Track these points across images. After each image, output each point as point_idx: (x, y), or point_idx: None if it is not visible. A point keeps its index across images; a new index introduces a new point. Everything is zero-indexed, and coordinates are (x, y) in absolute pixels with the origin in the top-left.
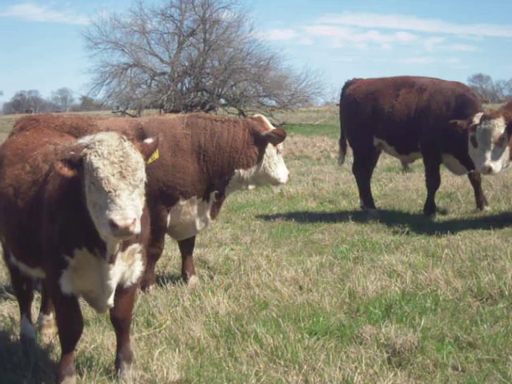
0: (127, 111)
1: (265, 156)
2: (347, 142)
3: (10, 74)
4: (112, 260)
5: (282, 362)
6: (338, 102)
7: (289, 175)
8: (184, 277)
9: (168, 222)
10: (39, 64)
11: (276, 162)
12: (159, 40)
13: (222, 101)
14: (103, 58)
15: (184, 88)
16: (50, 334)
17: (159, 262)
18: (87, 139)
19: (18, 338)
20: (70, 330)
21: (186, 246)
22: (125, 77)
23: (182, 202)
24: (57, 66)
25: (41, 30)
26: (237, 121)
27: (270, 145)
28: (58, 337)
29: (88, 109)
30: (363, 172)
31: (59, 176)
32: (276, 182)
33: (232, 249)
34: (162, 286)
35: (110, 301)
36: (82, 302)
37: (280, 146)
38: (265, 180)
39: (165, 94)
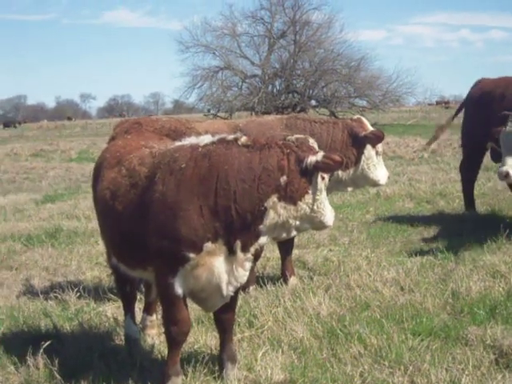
0: (218, 114)
1: (363, 157)
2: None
3: (103, 79)
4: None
5: (387, 363)
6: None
7: (388, 177)
8: (284, 278)
9: None
10: (132, 69)
11: (375, 164)
12: (249, 43)
13: (313, 102)
14: (195, 62)
15: (275, 90)
16: (153, 334)
17: (258, 263)
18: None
19: (122, 338)
20: (178, 330)
21: (285, 247)
22: (216, 80)
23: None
24: (149, 71)
25: (134, 35)
26: (336, 122)
27: (368, 146)
28: (161, 337)
29: (179, 112)
30: (469, 173)
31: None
32: (375, 184)
33: (330, 250)
34: (261, 286)
35: (231, 293)
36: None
37: (379, 147)
38: (363, 182)
39: (256, 96)
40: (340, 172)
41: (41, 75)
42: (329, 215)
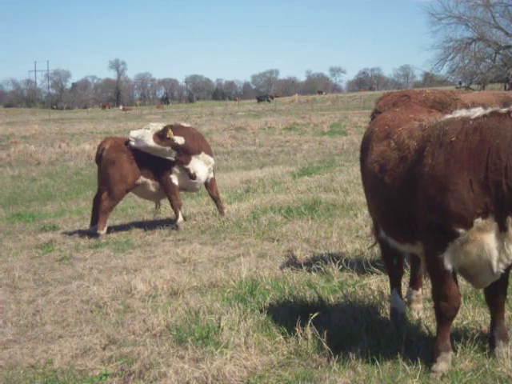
0: (471, 86)
1: None
2: None
3: (353, 52)
4: None
5: None
6: None
7: None
8: None
9: None
10: (381, 41)
11: None
12: (504, 13)
13: None
14: (446, 34)
15: None
16: (418, 308)
17: None
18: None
19: (388, 311)
20: (449, 306)
21: None
22: (468, 51)
23: None
24: (399, 43)
25: (380, 7)
26: None
27: None
28: (427, 312)
29: (430, 85)
30: None
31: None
32: None
33: None
34: None
35: (502, 270)
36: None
37: None
38: None
39: (510, 67)
40: None
41: (292, 49)
42: None
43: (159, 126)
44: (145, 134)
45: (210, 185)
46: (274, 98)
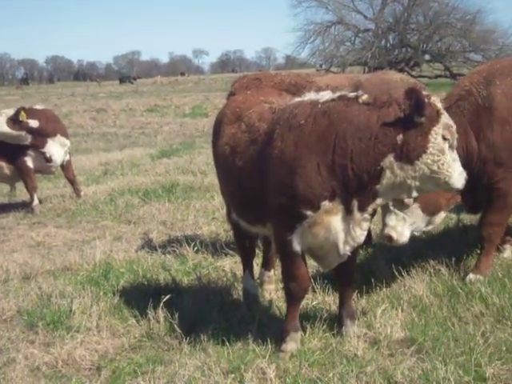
0: (331, 69)
1: None
2: None
3: (216, 34)
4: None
5: (510, 323)
6: None
7: None
8: None
9: None
10: (244, 24)
11: None
12: None
13: (427, 57)
14: (307, 16)
15: (388, 44)
16: (270, 289)
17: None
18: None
19: (240, 293)
20: (298, 287)
21: None
22: (329, 34)
23: None
24: (261, 26)
25: None
26: None
27: None
28: (279, 293)
29: (291, 67)
30: None
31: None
32: None
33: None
34: (381, 244)
35: (348, 252)
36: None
37: None
38: None
39: (369, 50)
40: None
41: (154, 31)
42: (456, 177)
43: (11, 111)
44: None
45: (66, 167)
46: (137, 80)
